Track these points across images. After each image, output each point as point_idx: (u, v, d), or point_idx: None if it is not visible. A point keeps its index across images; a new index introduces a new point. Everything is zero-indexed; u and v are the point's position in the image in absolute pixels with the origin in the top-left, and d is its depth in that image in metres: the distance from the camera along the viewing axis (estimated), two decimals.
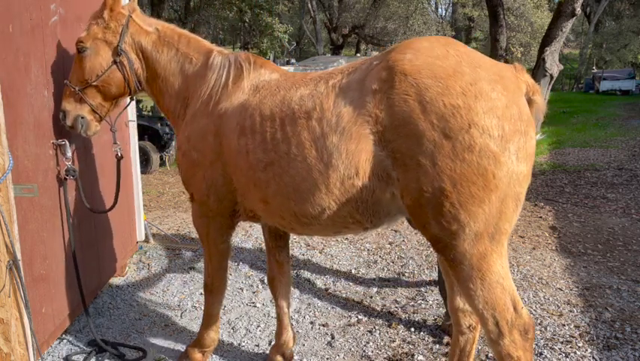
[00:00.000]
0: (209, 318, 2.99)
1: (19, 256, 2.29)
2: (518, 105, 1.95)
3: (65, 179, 3.15)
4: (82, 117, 2.89)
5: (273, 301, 3.14)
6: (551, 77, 12.99)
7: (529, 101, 2.08)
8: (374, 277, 4.38)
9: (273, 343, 3.20)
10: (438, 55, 2.00)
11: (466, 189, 1.88)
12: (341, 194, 2.19)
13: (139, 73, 2.94)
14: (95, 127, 2.99)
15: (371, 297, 3.98)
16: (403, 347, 3.26)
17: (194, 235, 5.43)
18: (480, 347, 3.18)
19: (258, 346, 3.33)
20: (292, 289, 4.14)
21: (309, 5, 28.63)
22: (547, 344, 3.22)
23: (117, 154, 3.26)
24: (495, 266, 1.97)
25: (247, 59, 2.69)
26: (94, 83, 2.84)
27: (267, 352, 3.21)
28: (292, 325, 3.16)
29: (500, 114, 1.89)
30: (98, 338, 3.24)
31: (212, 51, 2.83)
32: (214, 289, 2.94)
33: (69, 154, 3.14)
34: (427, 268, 4.50)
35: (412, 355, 3.16)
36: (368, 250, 5.00)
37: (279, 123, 2.32)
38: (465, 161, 1.87)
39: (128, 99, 3.19)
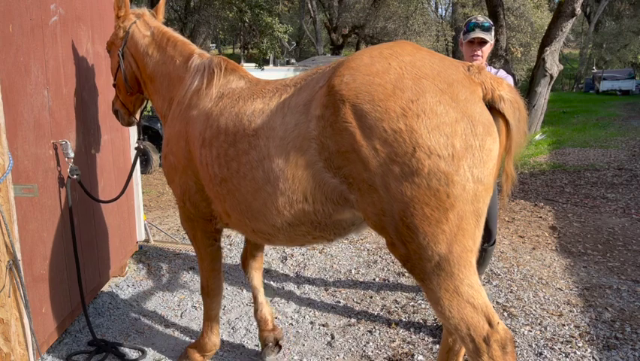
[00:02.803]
0: (209, 321, 2.99)
1: (19, 256, 2.29)
2: (471, 116, 1.78)
3: (69, 178, 3.17)
4: (116, 110, 3.42)
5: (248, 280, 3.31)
6: (551, 77, 13.05)
7: (494, 101, 1.87)
8: (374, 277, 4.38)
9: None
10: (377, 71, 1.86)
11: (419, 211, 1.78)
12: (293, 217, 2.12)
13: (137, 75, 3.15)
14: (128, 119, 3.44)
15: (371, 297, 3.98)
16: (403, 347, 3.26)
17: None
18: None
19: (257, 346, 3.33)
20: (292, 289, 4.14)
21: (309, 5, 28.65)
22: (547, 344, 3.22)
23: (139, 146, 3.59)
24: (462, 286, 1.88)
25: (219, 64, 2.66)
26: (113, 83, 3.29)
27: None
28: (269, 300, 3.30)
29: (449, 131, 1.73)
30: (97, 338, 3.24)
31: (193, 54, 2.87)
32: (210, 291, 2.94)
33: (71, 154, 3.16)
34: None
35: (412, 355, 3.16)
36: (368, 250, 5.00)
37: (231, 139, 2.27)
38: (415, 184, 1.75)
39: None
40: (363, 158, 1.82)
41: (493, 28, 3.24)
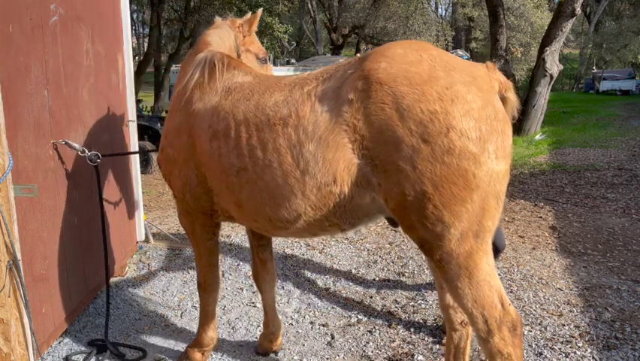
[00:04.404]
0: (206, 316, 3.01)
1: (19, 256, 2.29)
2: (493, 105, 1.99)
3: (95, 164, 3.26)
4: None
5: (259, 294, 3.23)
6: (551, 77, 13.05)
7: (503, 99, 2.11)
8: (374, 277, 4.38)
9: (261, 331, 3.31)
10: (412, 61, 2.02)
11: (447, 190, 1.91)
12: (318, 200, 2.19)
13: None
14: None
15: (371, 297, 3.98)
16: (403, 347, 3.26)
17: None
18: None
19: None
20: (292, 289, 4.14)
21: (309, 5, 28.63)
22: (547, 344, 3.22)
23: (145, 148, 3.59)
24: (481, 264, 2.00)
25: (221, 59, 2.68)
26: None
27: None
28: (278, 316, 3.23)
29: (477, 116, 1.92)
30: (105, 337, 3.24)
31: (204, 49, 2.89)
32: (207, 287, 2.95)
33: (78, 146, 3.21)
34: (427, 268, 4.49)
35: (412, 355, 3.16)
36: (368, 250, 5.00)
37: (253, 129, 2.31)
38: (445, 163, 1.90)
39: None
40: (398, 138, 1.94)
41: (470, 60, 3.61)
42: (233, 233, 5.48)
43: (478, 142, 1.91)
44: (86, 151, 3.26)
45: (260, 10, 3.26)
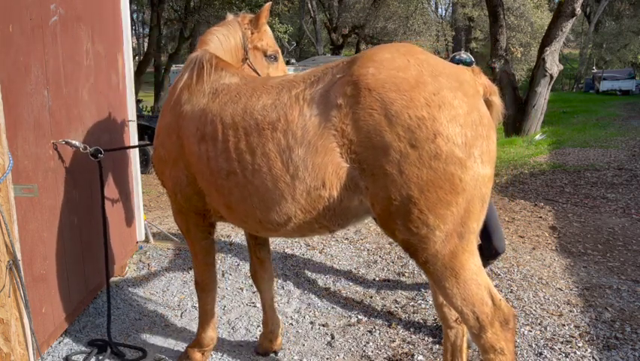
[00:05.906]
0: (205, 316, 3.01)
1: (19, 256, 2.29)
2: (479, 110, 2.02)
3: (95, 159, 3.30)
4: None
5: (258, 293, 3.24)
6: (551, 77, 13.06)
7: (488, 103, 2.15)
8: (374, 277, 4.38)
9: (260, 331, 3.31)
10: (399, 66, 2.04)
11: (433, 194, 1.94)
12: (307, 204, 2.21)
13: None
14: None
15: (371, 297, 3.98)
16: (403, 347, 3.26)
17: None
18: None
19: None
20: (292, 289, 4.14)
21: (309, 5, 28.64)
22: (547, 344, 3.22)
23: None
24: (468, 263, 2.03)
25: (210, 60, 2.67)
26: None
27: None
28: (277, 315, 3.22)
29: (463, 122, 1.95)
30: (108, 337, 3.24)
31: (200, 48, 2.88)
32: (204, 286, 2.96)
33: (78, 143, 3.22)
34: None
35: (412, 355, 3.16)
36: (368, 250, 5.00)
37: (242, 133, 2.30)
38: (432, 168, 1.93)
39: None
40: (386, 143, 1.97)
41: (475, 63, 3.54)
42: (233, 233, 5.48)
43: (464, 147, 1.94)
44: (88, 147, 3.27)
45: (268, 4, 3.11)
